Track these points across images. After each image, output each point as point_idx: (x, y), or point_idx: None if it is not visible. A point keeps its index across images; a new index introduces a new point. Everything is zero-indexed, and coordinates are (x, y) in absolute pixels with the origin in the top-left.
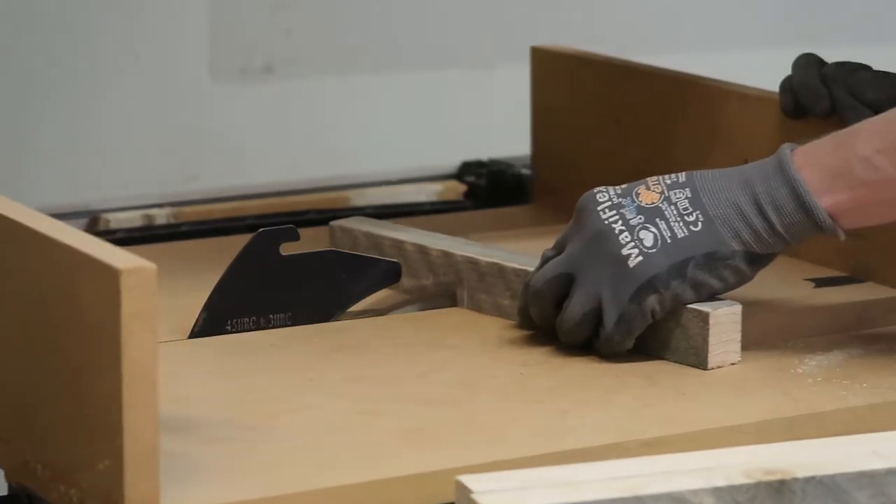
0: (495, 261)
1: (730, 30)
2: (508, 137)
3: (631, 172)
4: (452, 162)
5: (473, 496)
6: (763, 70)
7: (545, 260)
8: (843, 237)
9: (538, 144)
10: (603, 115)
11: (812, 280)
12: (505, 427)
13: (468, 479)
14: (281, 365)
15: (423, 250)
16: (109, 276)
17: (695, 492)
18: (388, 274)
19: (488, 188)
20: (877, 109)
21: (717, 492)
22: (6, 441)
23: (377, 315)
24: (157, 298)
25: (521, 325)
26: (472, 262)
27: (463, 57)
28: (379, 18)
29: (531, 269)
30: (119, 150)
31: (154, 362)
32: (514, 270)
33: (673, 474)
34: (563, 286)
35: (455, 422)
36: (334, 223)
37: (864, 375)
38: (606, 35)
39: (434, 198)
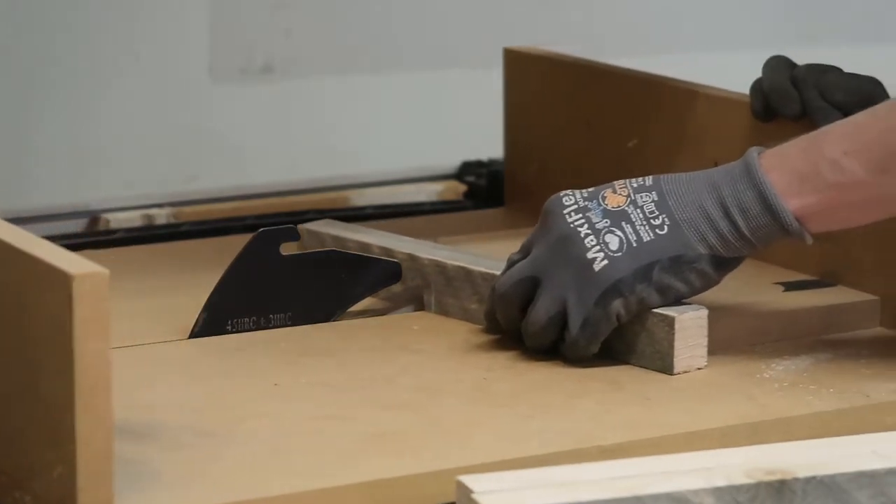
0: (462, 264)
1: (729, 30)
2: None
3: (602, 174)
4: (452, 162)
5: (474, 496)
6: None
7: (511, 263)
8: (810, 241)
9: (510, 146)
10: (574, 117)
11: (781, 284)
12: (468, 432)
13: (469, 479)
14: (246, 369)
15: (389, 254)
16: (62, 282)
17: (695, 492)
18: (389, 274)
19: (488, 188)
20: (846, 111)
21: (718, 492)
22: None
23: (377, 315)
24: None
25: (488, 330)
26: (439, 266)
27: (463, 57)
28: (379, 18)
29: (498, 272)
30: (119, 150)
31: (107, 368)
32: (482, 274)
33: (673, 474)
34: (529, 290)
35: (418, 427)
36: (302, 226)
37: (831, 380)
38: (606, 35)
39: (434, 198)
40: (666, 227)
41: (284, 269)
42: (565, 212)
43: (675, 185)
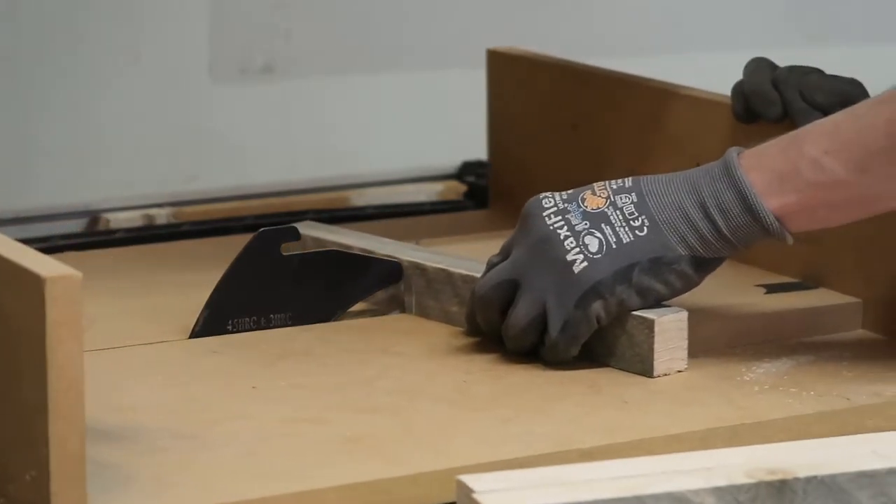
0: (442, 266)
1: (729, 30)
2: None
3: (587, 176)
4: (453, 162)
5: (475, 496)
6: None
7: (490, 266)
8: (790, 241)
9: (494, 148)
10: (558, 119)
11: (763, 286)
12: (446, 435)
13: (469, 479)
14: (225, 372)
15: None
16: (34, 285)
17: (696, 492)
18: (389, 274)
19: (489, 188)
20: (827, 112)
21: (719, 491)
22: None
23: (376, 315)
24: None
25: (468, 332)
26: (420, 268)
27: (464, 57)
28: (379, 18)
29: (479, 275)
30: (119, 150)
31: (80, 371)
32: (462, 277)
33: (674, 474)
34: (509, 292)
35: (396, 430)
36: None
37: (811, 383)
38: (607, 35)
39: (434, 198)
40: (646, 228)
41: (285, 269)
42: (545, 214)
43: (654, 186)
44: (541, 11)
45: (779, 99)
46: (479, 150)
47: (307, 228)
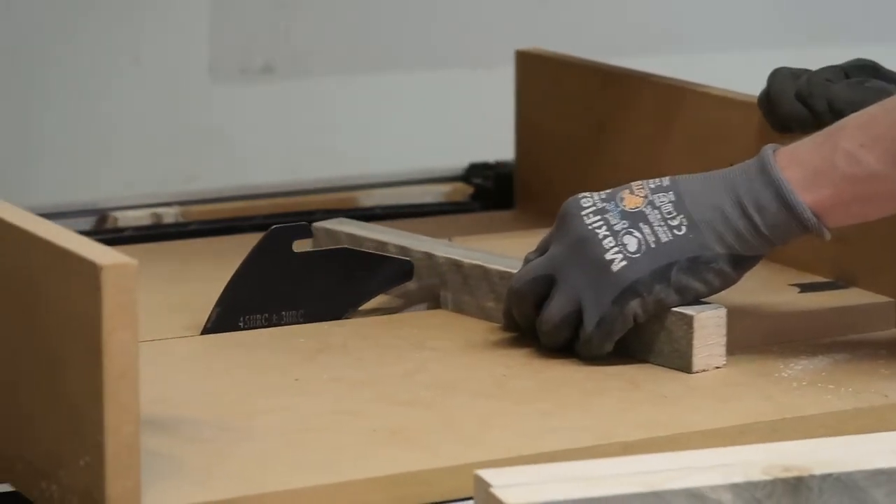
0: (479, 263)
1: (728, 30)
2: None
3: (613, 176)
4: (460, 163)
5: (493, 490)
6: (763, 71)
7: (527, 262)
8: (828, 236)
9: (521, 148)
10: (586, 120)
11: (797, 285)
12: (483, 428)
13: (487, 473)
14: (264, 365)
15: (405, 252)
16: (90, 273)
17: (713, 488)
18: (401, 272)
19: (495, 190)
20: None
21: (736, 488)
22: None
23: (388, 314)
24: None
25: (505, 327)
26: (456, 264)
27: (470, 57)
28: (387, 18)
29: (515, 271)
30: (119, 150)
31: (135, 358)
32: (499, 273)
33: (691, 470)
34: (544, 287)
35: (434, 423)
36: (317, 224)
37: (848, 380)
38: (608, 35)
39: (441, 199)
40: (684, 227)
41: (297, 267)
42: (583, 213)
43: (691, 186)
44: (544, 11)
45: (808, 115)
46: (486, 151)
47: (340, 225)
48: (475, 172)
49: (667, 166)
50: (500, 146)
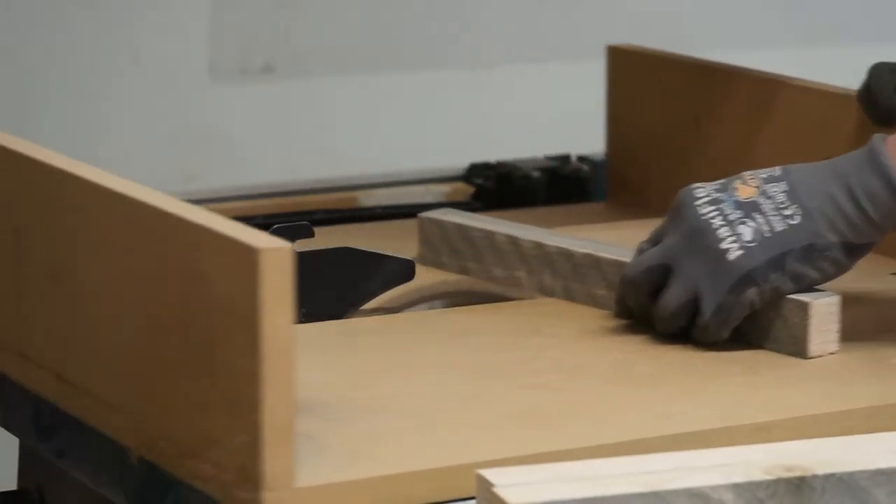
0: (589, 252)
1: (729, 30)
2: (516, 139)
3: (709, 171)
4: (460, 163)
5: (495, 490)
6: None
7: (641, 251)
8: None
9: (613, 142)
10: (680, 114)
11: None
12: (614, 411)
13: (489, 473)
14: (383, 350)
15: (514, 241)
16: (248, 257)
17: (714, 488)
18: (403, 272)
19: (496, 190)
20: None
21: (737, 488)
22: (133, 419)
23: (390, 313)
24: None
25: (617, 315)
26: (566, 254)
27: (471, 58)
28: (385, 18)
29: (626, 259)
30: (119, 150)
31: (291, 340)
32: (610, 262)
33: (693, 470)
34: (660, 276)
35: (562, 406)
36: (423, 215)
37: None
38: (608, 35)
39: (442, 199)
40: (798, 216)
41: (298, 266)
42: (697, 203)
43: (802, 176)
44: (544, 11)
45: None
46: (486, 151)
47: (446, 215)
48: (476, 172)
49: (762, 160)
50: (500, 146)
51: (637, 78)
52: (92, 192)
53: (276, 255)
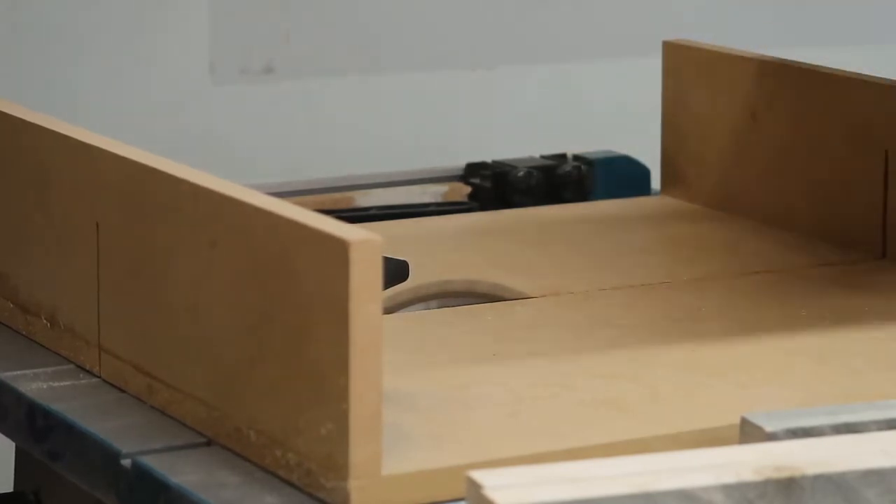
0: None
1: (727, 30)
2: (513, 139)
3: (767, 166)
4: (457, 163)
5: (484, 491)
6: None
7: None
8: None
9: (668, 137)
10: (737, 109)
11: None
12: (692, 398)
13: (480, 475)
14: (458, 341)
15: None
16: (338, 249)
17: (705, 488)
18: (396, 273)
19: (493, 190)
20: None
21: (727, 489)
22: (216, 409)
23: (386, 313)
24: None
25: None
26: None
27: (467, 58)
28: (385, 19)
29: None
30: None
31: (380, 331)
32: None
33: (683, 471)
34: None
35: (643, 394)
36: None
37: None
38: (608, 34)
39: (439, 199)
40: None
41: None
42: None
43: None
44: (543, 11)
45: None
46: (483, 151)
47: None
48: (473, 172)
49: (820, 156)
50: (497, 146)
51: (693, 73)
52: (173, 187)
53: (366, 246)
